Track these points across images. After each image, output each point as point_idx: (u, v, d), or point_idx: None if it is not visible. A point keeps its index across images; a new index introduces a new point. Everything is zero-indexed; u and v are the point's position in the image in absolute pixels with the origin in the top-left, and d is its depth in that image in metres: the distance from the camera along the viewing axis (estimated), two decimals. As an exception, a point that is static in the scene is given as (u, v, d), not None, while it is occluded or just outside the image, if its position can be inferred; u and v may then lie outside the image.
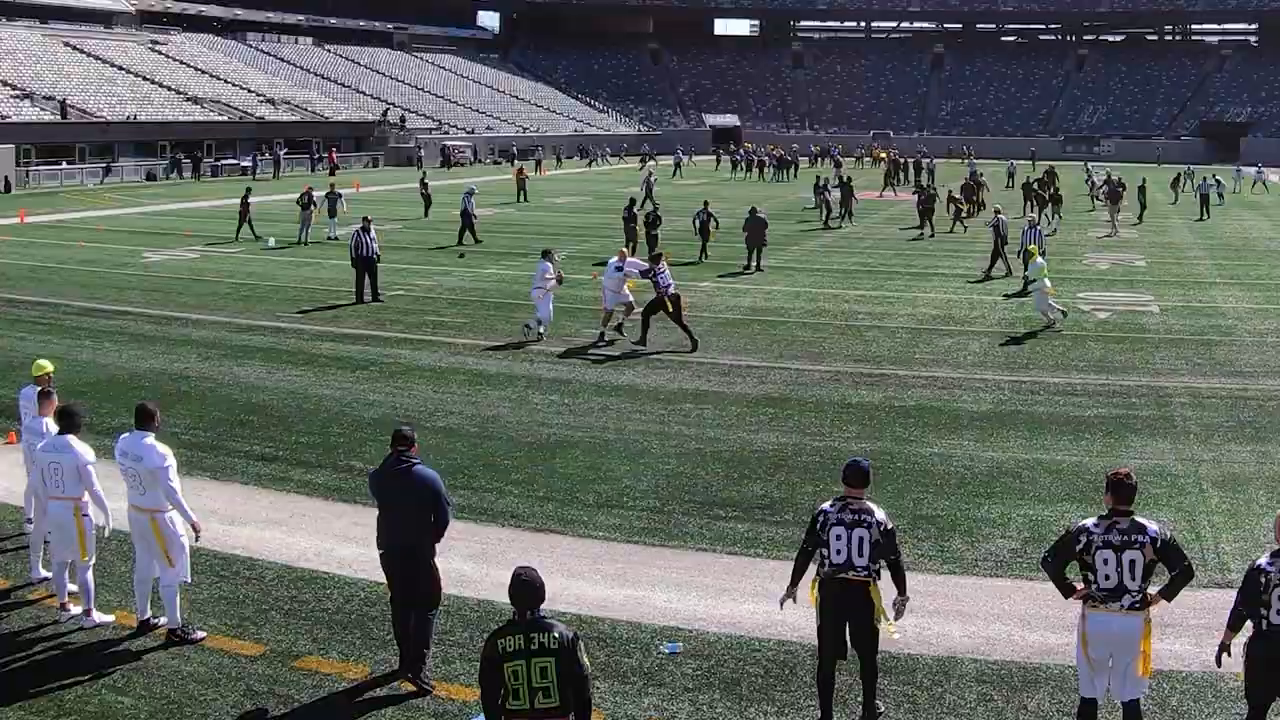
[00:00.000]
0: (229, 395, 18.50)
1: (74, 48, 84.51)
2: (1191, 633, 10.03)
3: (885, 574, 8.51)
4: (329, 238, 39.26)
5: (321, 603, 10.74)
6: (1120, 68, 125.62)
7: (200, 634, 9.90)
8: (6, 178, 61.39)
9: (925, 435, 16.64)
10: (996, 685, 9.44)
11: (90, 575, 10.15)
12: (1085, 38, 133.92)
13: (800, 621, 9.90)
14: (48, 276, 31.25)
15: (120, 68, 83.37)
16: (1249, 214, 54.48)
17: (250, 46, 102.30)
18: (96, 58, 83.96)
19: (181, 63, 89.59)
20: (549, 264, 23.29)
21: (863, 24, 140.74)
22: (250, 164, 74.41)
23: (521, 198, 56.47)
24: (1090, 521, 8.30)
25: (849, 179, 52.37)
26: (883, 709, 8.92)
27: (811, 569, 8.63)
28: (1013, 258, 31.14)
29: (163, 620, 9.97)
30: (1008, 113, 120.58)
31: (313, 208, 39.60)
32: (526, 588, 6.65)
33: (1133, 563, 8.09)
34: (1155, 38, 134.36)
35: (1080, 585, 8.29)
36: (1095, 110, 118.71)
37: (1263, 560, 7.78)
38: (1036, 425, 17.17)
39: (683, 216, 41.10)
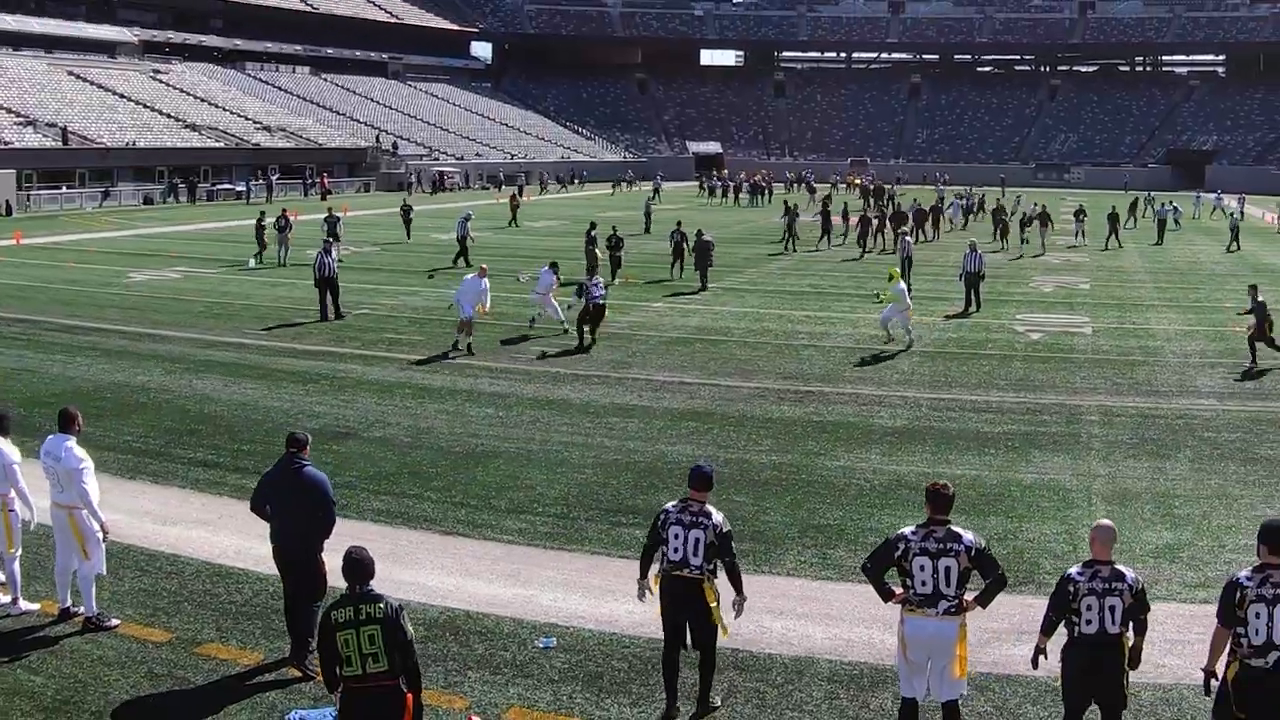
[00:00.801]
0: (183, 406, 18.94)
1: (78, 76, 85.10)
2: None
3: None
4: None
5: (231, 596, 11.22)
6: (1092, 97, 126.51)
7: (115, 622, 10.39)
8: (7, 201, 61.98)
9: (835, 449, 16.88)
10: (845, 684, 9.68)
11: (16, 566, 10.67)
12: (1059, 68, 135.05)
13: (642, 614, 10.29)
14: (34, 295, 31.64)
15: (122, 96, 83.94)
16: (1203, 239, 54.95)
17: (249, 75, 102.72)
18: (99, 86, 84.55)
19: (182, 91, 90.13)
20: (554, 276, 25.84)
21: (843, 55, 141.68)
22: (244, 188, 74.96)
23: (514, 223, 56.85)
24: (909, 529, 8.46)
25: (827, 201, 53.06)
26: (718, 703, 9.25)
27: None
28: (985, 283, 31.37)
29: (82, 609, 10.44)
30: (981, 140, 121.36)
31: (289, 230, 39.91)
32: (357, 565, 7.27)
33: (948, 570, 8.25)
34: (1127, 69, 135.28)
35: (899, 590, 8.47)
36: (1066, 138, 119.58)
37: (1073, 570, 8.00)
38: (945, 440, 17.43)
39: (659, 239, 42.48)
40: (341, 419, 18.03)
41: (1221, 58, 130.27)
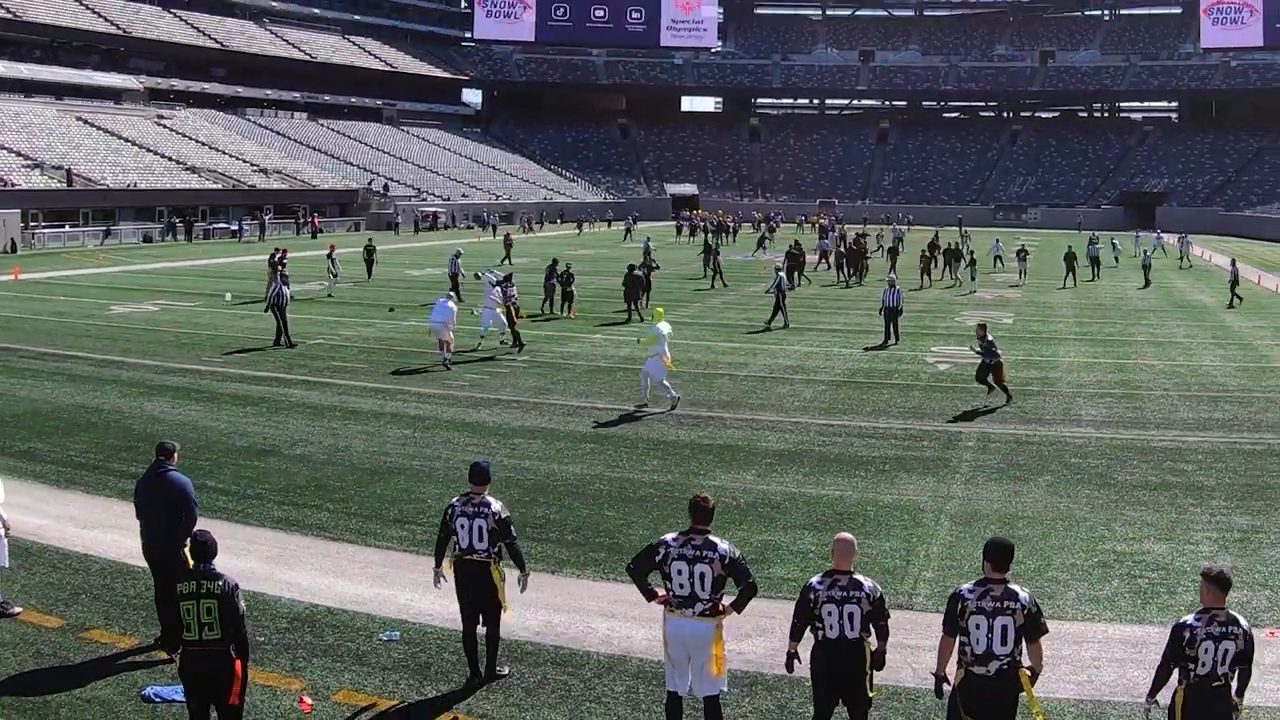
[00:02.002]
0: (129, 425, 19.68)
1: (85, 121, 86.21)
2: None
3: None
4: (327, 296, 40.82)
5: (125, 590, 12.03)
6: (1050, 142, 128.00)
7: (16, 610, 11.26)
8: (12, 239, 62.82)
9: (714, 470, 17.29)
10: (648, 681, 10.07)
11: None
12: (1022, 114, 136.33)
13: (543, 619, 11.32)
14: (19, 325, 32.34)
15: (126, 140, 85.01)
16: (1136, 276, 54.13)
17: (250, 121, 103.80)
18: (105, 130, 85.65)
19: (184, 135, 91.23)
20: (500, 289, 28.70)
21: (816, 101, 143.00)
22: (238, 228, 75.89)
23: (508, 259, 56.46)
24: (670, 536, 8.87)
25: (796, 244, 53.94)
26: (505, 672, 10.10)
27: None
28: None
29: (-10, 598, 11.31)
30: (944, 183, 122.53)
31: (281, 267, 40.29)
32: (202, 547, 8.28)
33: (703, 575, 8.61)
34: (1086, 115, 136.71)
35: (661, 591, 8.89)
36: (1025, 180, 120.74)
37: (814, 580, 8.31)
38: (821, 462, 17.79)
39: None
40: (269, 438, 18.77)
41: (1175, 104, 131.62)
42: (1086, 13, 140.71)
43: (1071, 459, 18.19)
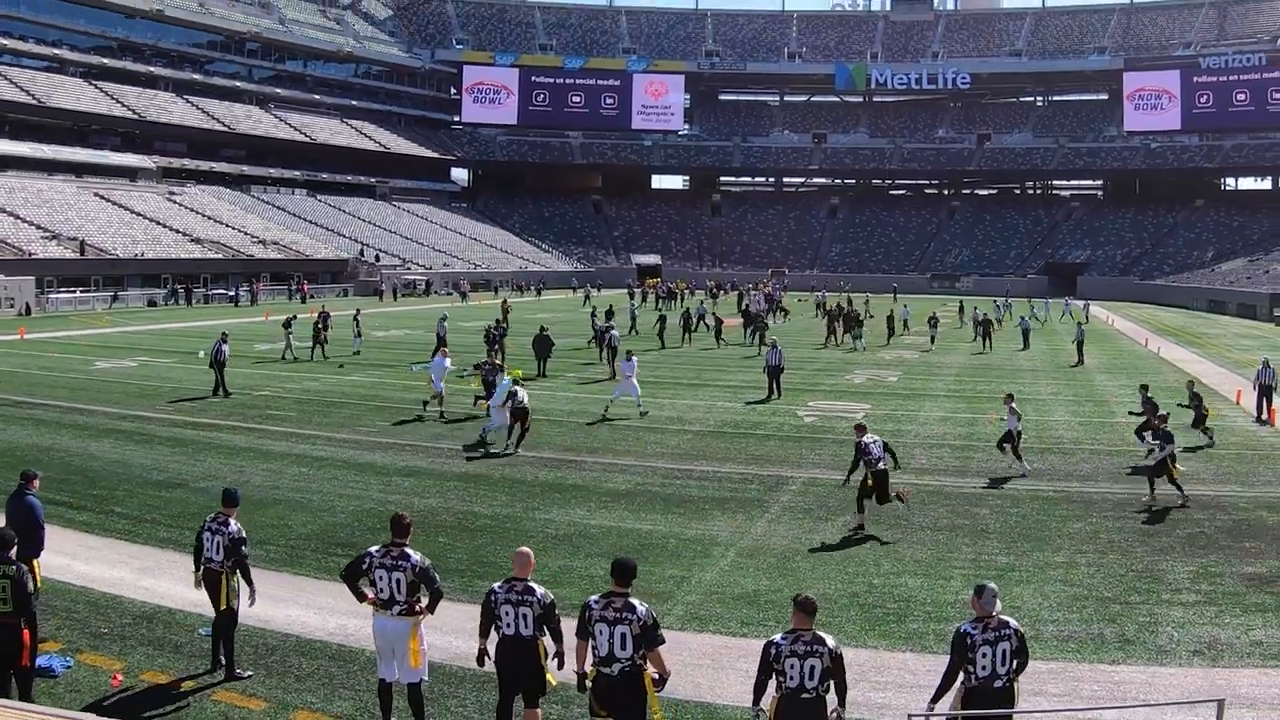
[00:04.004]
0: (69, 462, 20.85)
1: (102, 197, 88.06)
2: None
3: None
4: (354, 353, 41.73)
5: (20, 591, 13.43)
6: (986, 216, 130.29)
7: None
8: (27, 303, 64.52)
9: (551, 506, 17.88)
10: (345, 662, 11.32)
11: None
12: (962, 191, 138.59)
13: (319, 621, 12.51)
14: (8, 379, 32.99)
15: (138, 214, 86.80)
16: (1039, 341, 53.65)
17: (254, 196, 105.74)
18: (120, 205, 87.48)
19: (192, 210, 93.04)
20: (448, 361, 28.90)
21: (773, 180, 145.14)
22: (234, 294, 77.55)
23: (504, 321, 57.21)
24: (374, 549, 9.60)
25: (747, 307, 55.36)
26: (248, 674, 11.04)
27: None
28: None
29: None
30: (886, 253, 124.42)
31: (293, 329, 41.16)
32: (6, 535, 9.72)
33: (398, 581, 9.36)
34: (1020, 192, 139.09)
35: (370, 593, 9.56)
36: (960, 252, 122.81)
37: (496, 586, 9.05)
38: (650, 501, 18.26)
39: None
40: (183, 474, 19.94)
41: (1100, 182, 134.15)
42: (1021, 99, 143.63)
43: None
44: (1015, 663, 8.35)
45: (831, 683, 8.08)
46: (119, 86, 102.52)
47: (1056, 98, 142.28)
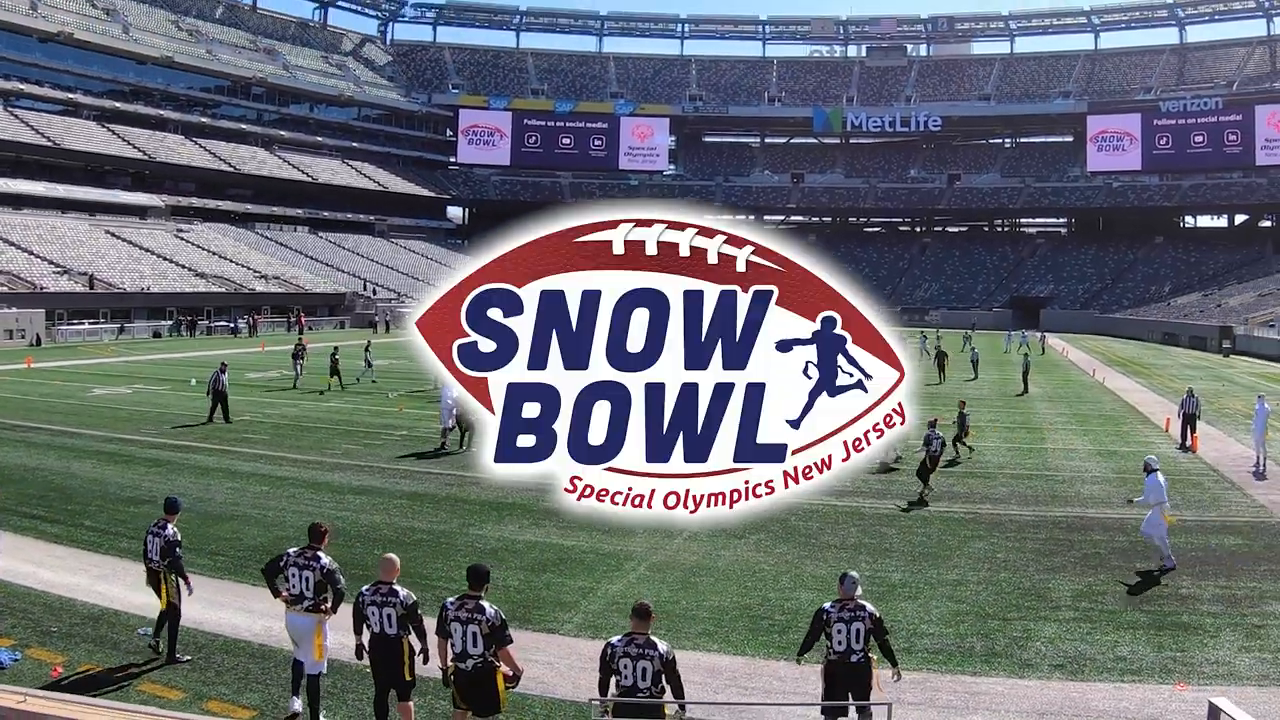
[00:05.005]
0: (50, 480, 21.56)
1: (113, 234, 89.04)
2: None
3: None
4: (371, 381, 41.87)
5: (-15, 591, 14.28)
6: (955, 252, 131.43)
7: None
8: (38, 334, 65.41)
9: (487, 522, 18.47)
10: (262, 660, 11.98)
11: None
12: (933, 229, 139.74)
13: (247, 623, 13.16)
14: (8, 404, 33.41)
15: (146, 249, 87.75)
16: (994, 371, 53.52)
17: (258, 234, 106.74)
18: (129, 242, 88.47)
19: (198, 246, 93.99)
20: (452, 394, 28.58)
21: (753, 217, 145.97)
22: (235, 325, 78.49)
23: None
24: (292, 550, 10.31)
25: None
26: (186, 659, 11.89)
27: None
28: None
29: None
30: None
31: (303, 359, 41.92)
32: None
33: (308, 579, 10.05)
34: (988, 229, 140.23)
35: (284, 591, 10.20)
36: (930, 286, 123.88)
37: (365, 589, 9.50)
38: (576, 519, 17.08)
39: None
40: (152, 491, 20.22)
41: (1064, 220, 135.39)
42: (989, 141, 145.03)
43: (793, 521, 18.33)
44: (870, 641, 9.05)
45: (667, 685, 8.37)
46: (130, 129, 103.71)
47: (1024, 140, 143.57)
